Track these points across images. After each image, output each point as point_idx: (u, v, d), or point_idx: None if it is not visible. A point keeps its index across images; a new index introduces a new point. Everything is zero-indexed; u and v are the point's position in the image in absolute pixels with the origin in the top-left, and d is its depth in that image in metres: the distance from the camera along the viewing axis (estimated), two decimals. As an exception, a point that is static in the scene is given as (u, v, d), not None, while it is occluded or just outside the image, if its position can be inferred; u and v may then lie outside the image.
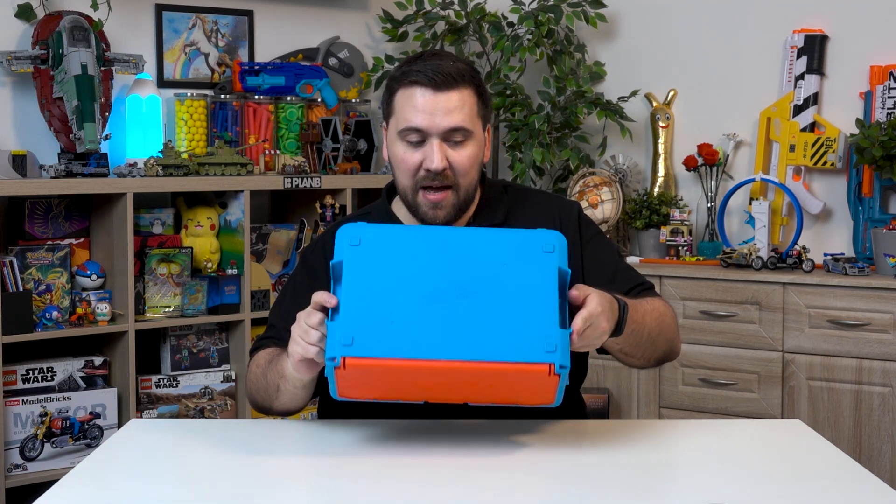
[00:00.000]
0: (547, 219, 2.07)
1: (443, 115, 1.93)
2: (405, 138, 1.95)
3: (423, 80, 1.93)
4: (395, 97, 1.97)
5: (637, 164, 4.06)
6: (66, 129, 3.26)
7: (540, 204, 2.11)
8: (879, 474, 3.09)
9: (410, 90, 1.94)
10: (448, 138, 1.94)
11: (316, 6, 3.97)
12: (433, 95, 1.93)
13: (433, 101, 1.93)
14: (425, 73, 1.93)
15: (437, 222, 1.97)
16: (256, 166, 3.64)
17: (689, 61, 3.99)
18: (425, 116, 1.93)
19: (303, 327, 1.70)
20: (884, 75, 3.58)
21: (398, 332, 1.61)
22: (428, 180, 1.94)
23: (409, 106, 1.94)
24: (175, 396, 3.40)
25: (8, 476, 3.08)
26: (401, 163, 1.97)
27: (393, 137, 1.98)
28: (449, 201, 1.96)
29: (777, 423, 2.24)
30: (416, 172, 1.95)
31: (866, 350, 3.27)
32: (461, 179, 1.96)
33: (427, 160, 1.93)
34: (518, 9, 3.96)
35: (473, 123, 1.96)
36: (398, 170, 1.98)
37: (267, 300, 3.49)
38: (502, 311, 1.63)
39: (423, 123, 1.93)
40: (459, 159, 1.95)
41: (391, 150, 2.00)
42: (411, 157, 1.95)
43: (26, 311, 3.07)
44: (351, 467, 1.68)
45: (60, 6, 3.39)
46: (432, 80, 1.93)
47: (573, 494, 1.55)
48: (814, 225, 3.76)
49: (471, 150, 1.96)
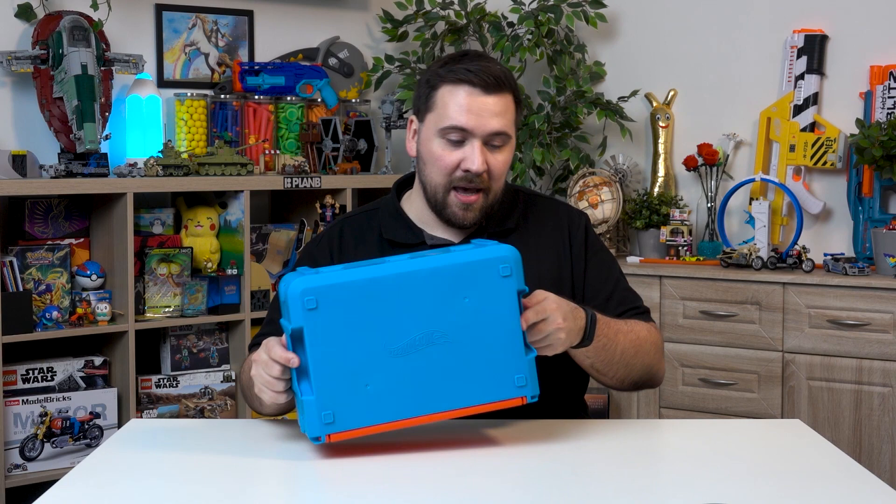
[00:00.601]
0: (556, 228, 2.07)
1: (489, 117, 1.92)
2: (446, 136, 1.93)
3: (474, 79, 1.91)
4: (437, 92, 1.95)
5: (637, 164, 4.06)
6: (66, 129, 3.26)
7: (550, 211, 2.10)
8: (879, 474, 3.09)
9: (458, 88, 1.92)
10: (489, 141, 1.93)
11: (316, 6, 3.97)
12: (481, 97, 1.92)
13: (481, 103, 1.91)
14: (476, 74, 1.91)
15: (465, 223, 1.97)
16: (256, 166, 3.64)
17: (689, 61, 3.99)
18: (472, 117, 1.91)
19: (265, 378, 1.71)
20: (884, 75, 3.58)
21: (374, 398, 1.65)
22: (464, 181, 1.94)
23: (456, 104, 1.92)
24: (175, 396, 3.41)
25: (8, 476, 3.08)
26: (437, 160, 1.95)
27: (430, 133, 1.96)
28: (479, 204, 1.96)
29: (777, 423, 2.24)
30: (453, 172, 1.94)
31: (866, 350, 3.27)
32: (494, 184, 1.96)
33: (468, 161, 1.92)
34: (518, 9, 3.96)
35: (512, 130, 1.97)
36: (433, 167, 1.96)
37: (267, 300, 3.50)
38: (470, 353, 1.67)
39: (469, 124, 1.91)
40: (496, 164, 1.95)
41: (427, 147, 1.97)
42: (450, 156, 1.93)
43: (26, 311, 3.07)
44: (350, 467, 1.67)
45: (60, 6, 3.39)
46: (483, 80, 1.91)
47: (573, 494, 1.55)
48: (814, 225, 3.76)
49: (507, 155, 1.97)
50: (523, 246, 1.99)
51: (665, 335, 3.57)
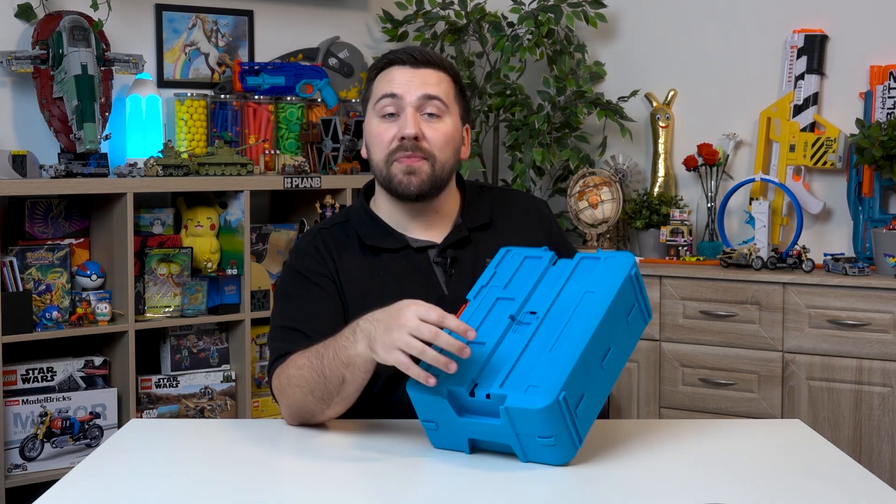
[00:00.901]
0: (524, 218, 2.10)
1: (418, 84, 1.95)
2: (381, 112, 1.96)
3: (401, 56, 1.97)
4: (373, 83, 2.00)
5: (637, 164, 4.06)
6: (66, 129, 3.26)
7: (514, 202, 2.12)
8: (879, 474, 3.09)
9: (388, 69, 1.98)
10: (422, 109, 1.95)
11: (316, 6, 3.97)
12: (410, 70, 1.96)
13: (409, 73, 1.96)
14: (403, 52, 1.97)
15: (410, 190, 1.94)
16: (256, 166, 3.64)
17: (689, 61, 3.99)
18: (400, 85, 1.95)
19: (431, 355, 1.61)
20: (884, 75, 3.58)
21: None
22: (402, 150, 1.94)
23: (386, 80, 1.96)
24: (175, 396, 3.40)
25: (8, 476, 3.08)
26: (375, 137, 1.97)
27: (370, 118, 1.99)
28: (423, 169, 1.94)
29: (777, 423, 2.24)
30: (391, 143, 1.95)
31: (866, 350, 3.27)
32: (438, 153, 1.95)
33: (401, 128, 1.94)
34: (518, 9, 3.96)
35: (449, 101, 1.98)
36: (374, 148, 1.98)
37: (267, 300, 3.50)
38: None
39: (398, 90, 1.94)
40: (433, 132, 1.95)
41: (367, 131, 2.00)
42: (387, 131, 1.95)
43: (26, 311, 3.07)
44: (350, 467, 1.68)
45: (60, 6, 3.39)
46: (411, 57, 1.96)
47: (573, 494, 1.55)
48: (814, 225, 3.76)
49: (446, 126, 1.97)
50: (501, 238, 2.00)
51: (665, 335, 3.57)
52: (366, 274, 1.96)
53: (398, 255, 1.98)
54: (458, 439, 1.66)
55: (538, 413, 1.55)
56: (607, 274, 1.74)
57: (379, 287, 1.95)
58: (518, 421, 1.58)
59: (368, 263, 1.97)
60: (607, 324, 1.67)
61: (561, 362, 1.60)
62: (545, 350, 1.64)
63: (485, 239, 2.02)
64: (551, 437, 1.58)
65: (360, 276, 1.96)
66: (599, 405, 1.67)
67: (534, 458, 1.63)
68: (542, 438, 1.58)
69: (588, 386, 1.62)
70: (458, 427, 1.64)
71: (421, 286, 1.94)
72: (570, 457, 1.62)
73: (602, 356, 1.66)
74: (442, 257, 1.98)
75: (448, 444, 1.69)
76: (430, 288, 1.95)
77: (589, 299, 1.69)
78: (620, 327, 1.71)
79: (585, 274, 1.76)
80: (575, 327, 1.65)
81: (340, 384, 1.76)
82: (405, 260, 1.98)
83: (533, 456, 1.62)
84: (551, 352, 1.63)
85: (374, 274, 1.96)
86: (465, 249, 2.00)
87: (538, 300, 1.74)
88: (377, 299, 1.78)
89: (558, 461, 1.62)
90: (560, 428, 1.58)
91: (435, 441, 1.70)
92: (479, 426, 1.63)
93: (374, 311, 1.72)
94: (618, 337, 1.70)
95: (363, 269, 1.97)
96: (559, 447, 1.60)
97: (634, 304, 1.75)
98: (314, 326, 1.88)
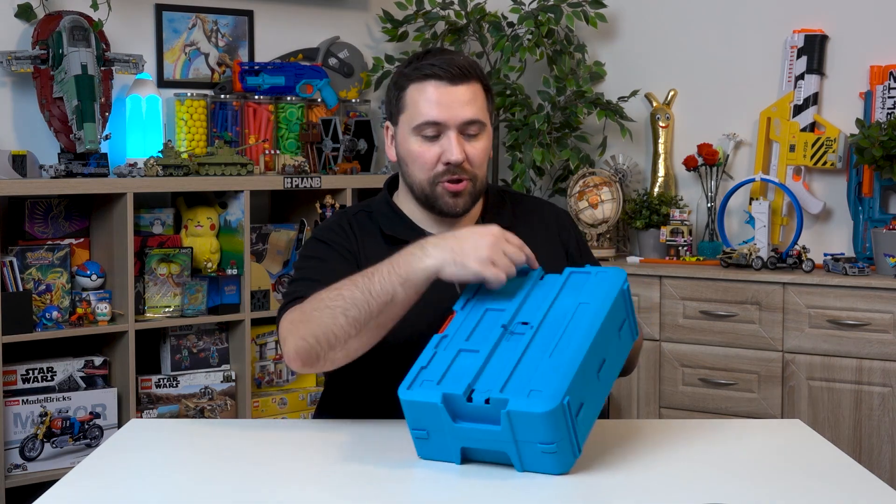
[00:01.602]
0: (545, 227, 2.12)
1: (459, 107, 1.93)
2: (421, 133, 1.95)
3: (439, 72, 1.93)
4: (405, 93, 1.97)
5: (637, 164, 4.06)
6: (66, 129, 3.26)
7: (536, 210, 2.15)
8: (879, 474, 3.09)
9: (423, 84, 1.94)
10: (464, 131, 1.95)
11: (316, 6, 3.97)
12: (448, 88, 1.93)
13: (449, 94, 1.93)
14: (440, 66, 1.93)
15: (456, 210, 1.98)
16: (256, 166, 3.64)
17: (689, 61, 3.99)
18: (442, 109, 1.93)
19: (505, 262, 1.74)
20: (884, 75, 3.58)
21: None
22: (448, 174, 1.95)
23: (425, 100, 1.94)
24: (175, 396, 3.40)
25: (8, 476, 3.08)
26: (417, 158, 1.96)
27: (405, 134, 1.98)
28: (468, 189, 1.98)
29: (777, 423, 2.24)
30: (434, 167, 1.95)
31: (866, 350, 3.27)
32: (477, 171, 1.98)
33: (446, 153, 1.94)
34: (518, 9, 3.96)
35: (485, 117, 1.99)
36: (413, 165, 1.98)
37: (267, 300, 3.50)
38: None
39: (441, 116, 1.93)
40: (475, 152, 1.97)
41: (405, 147, 1.98)
42: (428, 152, 1.95)
43: (26, 311, 3.07)
44: (350, 467, 1.67)
45: (60, 6, 3.39)
46: (448, 72, 1.93)
47: (573, 494, 1.55)
48: (814, 225, 3.76)
49: (484, 142, 1.99)
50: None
51: (665, 335, 3.57)
52: None
53: None
54: (449, 448, 1.63)
55: (542, 417, 1.53)
56: (600, 287, 1.73)
57: None
58: (519, 426, 1.55)
59: (389, 254, 1.98)
60: (603, 335, 1.66)
61: (562, 368, 1.58)
62: (544, 356, 1.62)
63: None
64: (553, 444, 1.55)
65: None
66: (595, 416, 1.66)
67: (531, 466, 1.59)
68: (543, 445, 1.56)
69: (586, 395, 1.61)
70: (452, 435, 1.61)
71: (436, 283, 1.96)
72: (569, 466, 1.60)
73: (598, 367, 1.65)
74: None
75: (438, 454, 1.65)
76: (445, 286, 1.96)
77: (584, 310, 1.69)
78: (613, 340, 1.70)
79: (577, 287, 1.75)
80: (573, 336, 1.64)
81: (386, 303, 1.76)
82: None
83: (531, 464, 1.59)
84: (551, 358, 1.61)
85: None
86: None
87: (529, 311, 1.72)
88: None
89: (557, 470, 1.59)
90: (562, 434, 1.56)
91: (423, 451, 1.66)
92: (474, 433, 1.59)
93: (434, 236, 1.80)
94: (611, 350, 1.69)
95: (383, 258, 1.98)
96: (560, 454, 1.57)
97: (625, 319, 1.75)
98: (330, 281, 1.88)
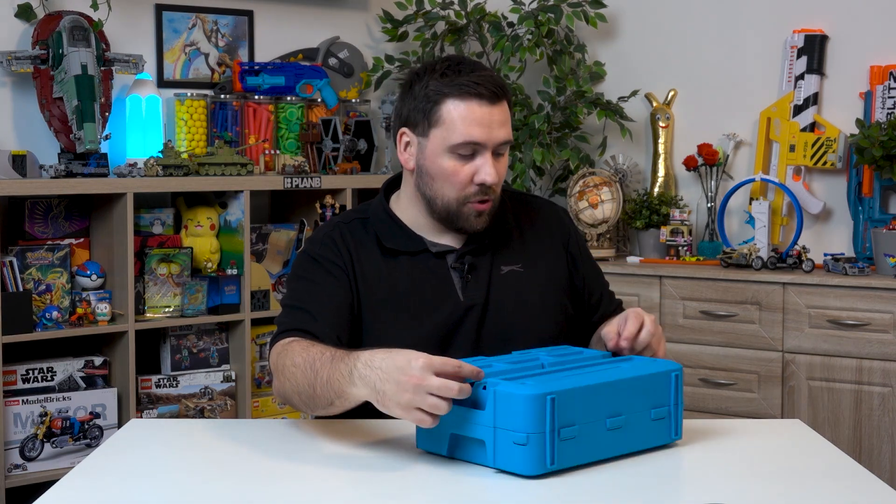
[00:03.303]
0: (546, 225, 2.11)
1: (497, 128, 1.92)
2: (457, 151, 1.91)
3: (483, 92, 1.90)
4: (442, 108, 1.91)
5: (637, 164, 4.06)
6: (66, 129, 3.26)
7: (537, 209, 2.13)
8: (879, 474, 3.09)
9: (466, 102, 1.90)
10: (496, 151, 1.94)
11: (316, 6, 3.97)
12: (489, 108, 1.91)
13: (489, 115, 1.91)
14: (483, 86, 1.90)
15: (478, 228, 1.97)
16: (256, 166, 3.64)
17: (689, 61, 3.99)
18: (484, 130, 1.90)
19: (431, 402, 1.56)
20: (884, 75, 3.58)
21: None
22: (479, 195, 1.94)
23: (468, 120, 1.90)
24: (175, 396, 3.41)
25: (8, 476, 3.08)
26: (451, 176, 1.93)
27: (438, 149, 1.93)
28: (491, 209, 1.98)
29: (777, 423, 2.24)
30: (467, 186, 1.93)
31: (866, 350, 3.27)
32: (498, 188, 1.98)
33: (481, 174, 1.92)
34: (518, 9, 3.96)
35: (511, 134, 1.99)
36: (444, 182, 1.94)
37: (267, 300, 3.50)
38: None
39: (482, 137, 1.90)
40: (501, 170, 1.97)
41: (436, 163, 1.93)
42: (463, 171, 1.92)
43: (26, 311, 3.07)
44: (350, 467, 1.68)
45: (60, 6, 3.39)
46: (491, 91, 1.90)
47: (572, 494, 1.55)
48: (814, 225, 3.76)
49: (506, 159, 2.00)
50: (519, 246, 2.03)
51: (665, 335, 3.55)
52: (383, 275, 1.97)
53: (416, 259, 1.99)
54: (440, 436, 1.65)
55: (521, 399, 1.55)
56: (644, 361, 1.78)
57: (395, 289, 1.96)
58: (501, 409, 1.57)
59: (386, 265, 1.98)
60: (625, 390, 1.67)
61: (561, 381, 1.62)
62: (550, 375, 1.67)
63: (503, 246, 2.04)
64: (524, 434, 1.55)
65: (376, 276, 1.97)
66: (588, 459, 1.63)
67: (502, 461, 1.59)
68: (515, 433, 1.56)
69: (584, 428, 1.61)
70: (444, 418, 1.61)
71: (437, 290, 1.96)
72: (538, 470, 1.57)
73: (609, 414, 1.65)
74: (460, 263, 1.99)
75: (431, 445, 1.68)
76: (445, 292, 1.96)
77: (611, 363, 1.74)
78: (641, 412, 1.70)
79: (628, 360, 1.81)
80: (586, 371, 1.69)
81: (328, 405, 1.74)
82: (423, 264, 1.99)
83: (502, 458, 1.58)
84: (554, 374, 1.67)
85: (391, 276, 1.97)
86: (484, 256, 2.01)
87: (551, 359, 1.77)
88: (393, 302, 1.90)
89: (525, 469, 1.57)
90: (537, 427, 1.55)
91: (421, 441, 1.69)
92: (462, 417, 1.61)
93: (371, 353, 1.64)
94: (635, 418, 1.69)
95: (380, 270, 1.97)
96: (529, 450, 1.56)
97: (666, 406, 1.76)
98: (320, 308, 1.90)
